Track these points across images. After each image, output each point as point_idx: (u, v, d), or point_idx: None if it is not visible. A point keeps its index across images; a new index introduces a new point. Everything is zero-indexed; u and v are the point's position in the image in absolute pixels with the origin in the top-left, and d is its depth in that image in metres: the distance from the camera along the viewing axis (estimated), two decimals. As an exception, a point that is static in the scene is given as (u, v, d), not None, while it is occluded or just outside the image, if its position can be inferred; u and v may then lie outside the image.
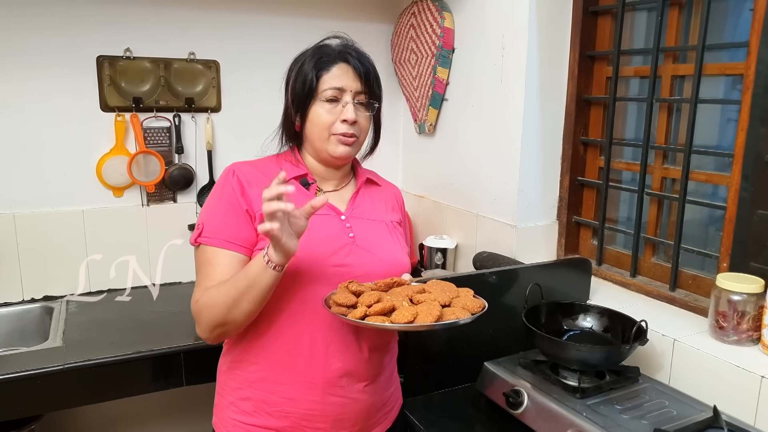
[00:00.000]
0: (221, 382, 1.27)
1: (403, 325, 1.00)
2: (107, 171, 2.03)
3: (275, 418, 1.18)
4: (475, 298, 1.14)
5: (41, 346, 1.69)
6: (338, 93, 1.18)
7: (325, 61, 1.18)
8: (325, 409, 1.18)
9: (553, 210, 1.90)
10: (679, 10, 1.59)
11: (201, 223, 1.16)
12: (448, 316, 1.04)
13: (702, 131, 1.58)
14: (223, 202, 1.17)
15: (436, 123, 2.21)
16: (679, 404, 1.26)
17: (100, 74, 1.99)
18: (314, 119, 1.19)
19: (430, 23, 2.09)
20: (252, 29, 2.17)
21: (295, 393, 1.17)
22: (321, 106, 1.18)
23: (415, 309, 1.03)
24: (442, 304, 1.07)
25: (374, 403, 1.25)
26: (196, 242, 1.16)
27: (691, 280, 1.58)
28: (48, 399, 1.57)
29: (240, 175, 1.19)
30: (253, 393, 1.19)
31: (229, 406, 1.23)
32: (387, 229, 1.29)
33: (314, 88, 1.17)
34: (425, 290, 1.13)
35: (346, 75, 1.18)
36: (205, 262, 1.15)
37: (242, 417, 1.20)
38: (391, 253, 1.25)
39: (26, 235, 1.97)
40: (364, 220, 1.26)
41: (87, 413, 2.09)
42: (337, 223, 1.22)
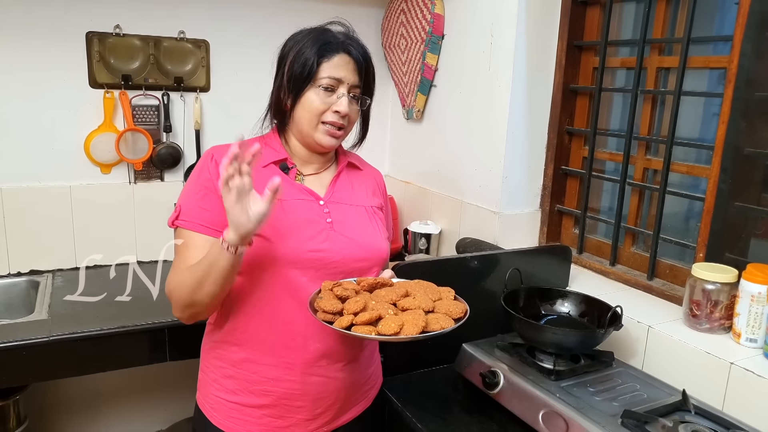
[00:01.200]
0: (205, 360, 1.29)
1: (389, 336, 1.02)
2: (95, 147, 2.03)
3: (257, 396, 1.21)
4: (457, 301, 1.17)
5: (27, 318, 1.70)
6: (335, 83, 1.18)
7: (327, 49, 1.17)
8: (304, 388, 1.21)
9: (537, 198, 1.93)
10: (666, 3, 1.61)
11: (179, 206, 1.18)
12: (432, 325, 1.07)
13: (687, 124, 1.61)
14: (200, 186, 1.17)
15: (424, 109, 2.22)
16: (650, 388, 1.30)
17: (90, 50, 1.98)
18: (306, 104, 1.19)
19: (421, 9, 2.10)
20: (242, 10, 2.16)
21: (275, 373, 1.20)
22: (316, 93, 1.18)
23: (401, 319, 1.05)
24: (425, 310, 1.10)
25: (353, 382, 1.28)
26: (173, 225, 1.17)
27: (668, 270, 1.61)
28: (33, 370, 1.59)
29: (218, 159, 1.16)
30: (236, 372, 1.22)
31: (212, 383, 1.25)
32: (366, 214, 1.29)
33: (313, 74, 1.17)
34: (408, 293, 1.15)
35: (346, 66, 1.18)
36: (182, 246, 1.16)
37: (226, 395, 1.23)
38: (370, 238, 1.26)
39: (13, 209, 1.97)
40: (343, 204, 1.27)
41: (71, 385, 2.11)
42: (315, 208, 1.22)
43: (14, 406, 1.82)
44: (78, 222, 2.06)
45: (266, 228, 1.13)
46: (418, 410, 1.34)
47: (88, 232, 2.07)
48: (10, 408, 1.80)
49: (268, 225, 1.13)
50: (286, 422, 1.22)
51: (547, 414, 1.21)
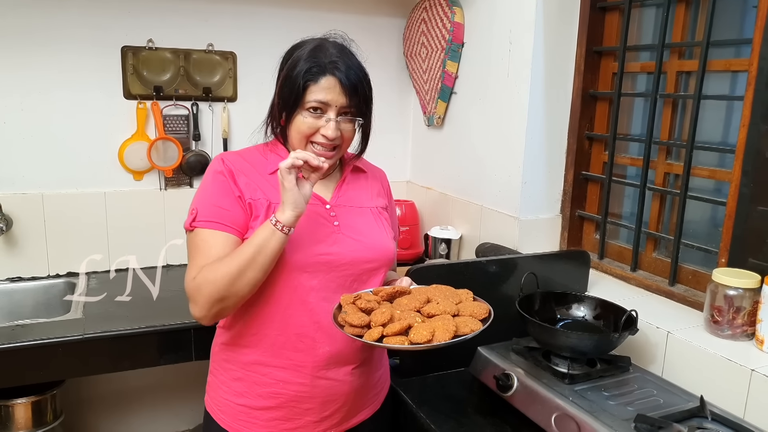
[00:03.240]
0: (214, 363, 1.31)
1: (423, 345, 1.02)
2: (129, 156, 2.12)
3: (265, 399, 1.22)
4: (477, 302, 1.18)
5: (63, 317, 1.79)
6: (323, 107, 1.16)
7: (314, 72, 1.15)
8: (313, 391, 1.22)
9: (557, 203, 1.93)
10: (686, 7, 1.60)
11: (195, 209, 1.18)
12: (462, 329, 1.07)
13: (709, 128, 1.59)
14: (216, 188, 1.18)
15: (444, 116, 2.25)
16: (667, 394, 1.28)
17: (124, 64, 2.08)
18: (296, 126, 1.18)
19: (441, 18, 2.13)
20: (268, 21, 2.24)
21: (285, 376, 1.21)
22: (304, 116, 1.17)
23: (432, 326, 1.05)
24: (451, 314, 1.10)
25: (362, 385, 1.29)
26: (191, 227, 1.17)
27: (691, 276, 1.59)
28: (68, 366, 1.68)
29: (229, 164, 1.21)
30: (245, 374, 1.23)
31: (220, 385, 1.27)
32: (372, 216, 1.31)
33: (300, 98, 1.16)
34: (429, 299, 1.16)
35: (332, 89, 1.15)
36: (201, 243, 1.16)
37: (233, 397, 1.24)
38: (377, 239, 1.27)
39: (53, 214, 2.08)
40: (349, 207, 1.28)
41: (104, 383, 2.20)
42: (322, 212, 1.24)
43: (51, 401, 1.91)
44: (112, 226, 2.15)
45: None
46: (432, 412, 1.36)
47: (121, 235, 2.16)
48: (47, 402, 1.90)
49: None
50: (294, 424, 1.23)
51: (560, 417, 1.21)
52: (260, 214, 1.18)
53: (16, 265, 2.06)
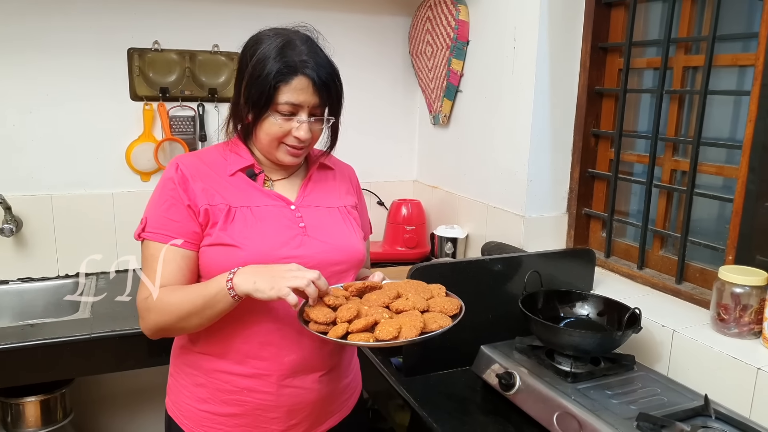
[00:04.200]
0: (174, 366, 1.26)
1: (388, 341, 0.99)
2: (136, 157, 2.14)
3: (230, 406, 1.18)
4: (450, 297, 1.15)
5: (72, 316, 1.81)
6: (295, 108, 1.12)
7: (285, 73, 1.09)
8: (279, 400, 1.18)
9: (563, 201, 1.91)
10: (692, 1, 1.58)
11: (144, 218, 1.14)
12: (430, 325, 1.04)
13: (716, 123, 1.57)
14: (165, 197, 1.14)
15: (450, 114, 2.24)
16: (672, 392, 1.27)
17: (130, 65, 2.10)
18: (266, 129, 1.14)
19: (446, 16, 2.13)
20: (273, 22, 2.21)
21: (249, 384, 1.17)
22: (275, 118, 1.12)
23: (398, 322, 1.02)
24: (420, 310, 1.07)
25: (330, 393, 1.25)
26: (139, 237, 1.15)
27: (698, 274, 1.57)
28: (76, 365, 1.70)
29: (184, 169, 1.15)
30: (207, 380, 1.18)
31: (182, 390, 1.22)
32: (340, 216, 1.26)
33: (271, 100, 1.11)
34: (400, 294, 1.13)
35: (305, 90, 1.11)
36: (149, 258, 1.13)
37: (197, 403, 1.20)
38: (346, 240, 1.22)
39: (61, 215, 2.10)
40: (316, 207, 1.23)
41: (113, 381, 2.23)
42: (287, 213, 1.19)
43: (60, 399, 1.93)
44: (120, 227, 2.17)
45: (237, 236, 1.12)
46: (435, 411, 1.35)
47: (128, 236, 2.16)
48: (57, 401, 1.92)
49: (239, 234, 1.12)
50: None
51: (561, 415, 1.20)
52: (218, 220, 1.13)
53: (27, 265, 2.09)
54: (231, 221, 1.13)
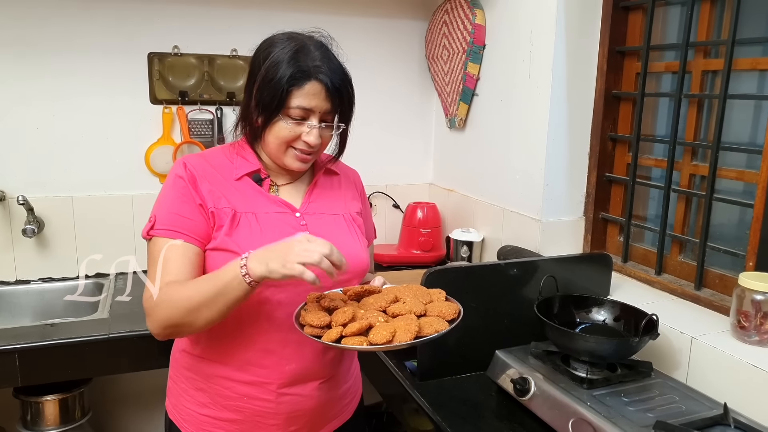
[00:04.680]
0: (174, 369, 1.25)
1: (382, 345, 0.98)
2: (155, 159, 2.17)
3: (230, 411, 1.18)
4: (449, 302, 1.13)
5: (91, 316, 1.84)
6: (306, 113, 1.11)
7: (298, 77, 1.09)
8: (278, 407, 1.18)
9: (580, 206, 1.90)
10: (711, 5, 1.56)
11: (153, 216, 1.12)
12: (426, 329, 1.02)
13: (736, 128, 1.55)
14: (176, 195, 1.12)
15: (466, 118, 2.24)
16: (690, 401, 1.25)
17: (151, 69, 2.13)
18: (276, 132, 1.13)
19: (462, 20, 2.13)
20: (290, 27, 2.23)
21: (249, 391, 1.16)
22: (285, 122, 1.11)
23: (393, 326, 1.01)
24: (417, 314, 1.06)
25: (329, 399, 1.25)
26: (148, 235, 1.11)
27: (717, 280, 1.55)
28: (94, 365, 1.72)
29: (192, 169, 1.14)
30: (207, 386, 1.18)
31: (182, 393, 1.22)
32: (345, 223, 1.25)
33: (283, 103, 1.10)
34: (398, 298, 1.11)
35: (317, 95, 1.10)
36: (158, 254, 1.09)
37: (197, 407, 1.20)
38: (350, 249, 1.19)
39: (82, 216, 2.14)
40: (321, 215, 1.22)
41: (131, 381, 2.26)
42: (292, 221, 1.18)
43: (79, 398, 1.96)
44: (138, 228, 2.18)
45: (241, 244, 1.10)
46: (449, 416, 1.34)
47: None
48: (75, 400, 1.95)
49: (243, 241, 1.11)
50: None
51: (577, 422, 1.19)
52: (224, 224, 1.12)
53: (48, 266, 2.12)
54: (236, 227, 1.13)
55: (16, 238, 2.06)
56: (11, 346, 1.62)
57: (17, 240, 2.06)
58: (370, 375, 1.69)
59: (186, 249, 1.10)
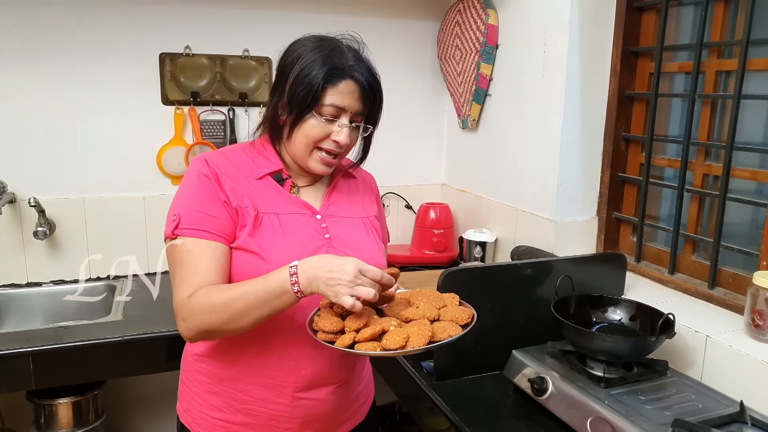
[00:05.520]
0: (186, 373, 1.24)
1: (395, 351, 0.97)
2: (167, 160, 2.18)
3: (244, 415, 1.17)
4: (463, 306, 1.13)
5: (104, 319, 1.84)
6: (338, 112, 1.11)
7: (334, 74, 1.09)
8: (294, 411, 1.17)
9: (593, 206, 1.90)
10: (725, 5, 1.57)
11: (177, 215, 1.09)
12: (439, 334, 1.01)
13: (750, 128, 1.55)
14: (200, 192, 1.10)
15: (479, 118, 2.24)
16: (706, 399, 1.26)
17: (162, 70, 2.13)
18: (305, 130, 1.12)
19: (475, 20, 2.13)
20: (303, 27, 2.23)
21: (264, 394, 1.16)
22: (317, 120, 1.10)
23: (406, 331, 1.00)
24: (430, 319, 1.05)
25: (343, 403, 1.25)
26: (173, 234, 1.08)
27: (731, 279, 1.55)
28: (108, 367, 1.72)
29: (215, 166, 1.13)
30: (221, 389, 1.17)
31: (195, 397, 1.21)
32: (364, 227, 1.25)
33: (317, 100, 1.09)
34: (411, 303, 1.12)
35: (351, 94, 1.10)
36: (186, 255, 1.07)
37: (211, 411, 1.19)
38: (369, 253, 1.20)
39: (94, 218, 2.13)
40: (340, 218, 1.22)
41: (144, 383, 2.26)
42: (313, 223, 1.18)
43: (93, 401, 1.96)
44: (150, 230, 2.21)
45: (264, 246, 1.10)
46: (467, 415, 1.35)
47: (159, 239, 2.20)
48: (89, 403, 1.95)
49: (266, 243, 1.10)
50: None
51: (595, 421, 1.20)
52: (247, 223, 1.11)
53: (60, 268, 2.12)
54: (258, 227, 1.12)
55: (28, 240, 2.05)
56: (25, 349, 1.61)
57: (29, 242, 2.06)
58: (385, 376, 1.70)
59: (215, 248, 1.08)
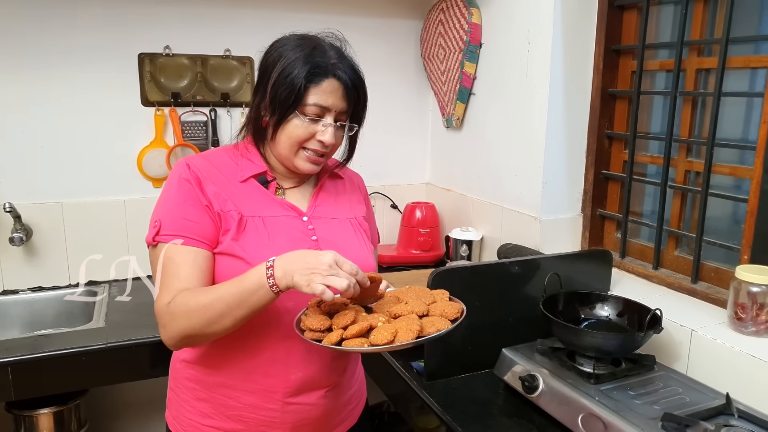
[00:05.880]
0: (174, 379, 1.22)
1: (383, 346, 0.96)
2: (147, 163, 2.14)
3: (233, 422, 1.15)
4: (452, 302, 1.12)
5: (86, 326, 1.80)
6: (322, 111, 1.09)
7: (316, 73, 1.07)
8: (284, 417, 1.16)
9: (578, 203, 1.92)
10: (704, 4, 1.59)
11: (158, 221, 1.07)
12: (428, 329, 1.01)
13: (728, 124, 1.58)
14: (181, 197, 1.08)
15: (463, 117, 2.25)
16: (693, 392, 1.28)
17: (141, 71, 2.09)
18: (289, 131, 1.10)
19: (458, 19, 2.14)
20: (285, 26, 2.21)
21: (253, 400, 1.14)
22: (300, 120, 1.09)
23: (394, 326, 0.99)
24: (419, 314, 1.05)
25: (335, 407, 1.23)
26: (154, 241, 1.07)
27: (713, 273, 1.58)
28: (91, 375, 1.69)
29: (196, 170, 1.10)
30: (209, 396, 1.15)
31: (183, 404, 1.19)
32: (352, 228, 1.23)
33: (300, 100, 1.07)
34: (400, 299, 1.11)
35: (334, 93, 1.09)
36: (167, 261, 1.05)
37: (200, 418, 1.17)
38: (357, 254, 1.17)
39: (73, 222, 2.09)
40: (327, 219, 1.20)
41: (128, 391, 2.22)
42: (299, 225, 1.16)
43: (75, 411, 1.91)
44: (132, 234, 2.16)
45: (249, 250, 1.08)
46: (458, 415, 1.35)
47: (141, 243, 2.16)
48: (71, 412, 1.90)
49: (251, 247, 1.08)
50: None
51: (586, 417, 1.21)
52: (231, 228, 1.09)
53: (37, 274, 2.07)
54: (243, 231, 1.10)
55: (3, 246, 1.99)
56: (3, 359, 1.57)
57: (4, 249, 2.00)
58: (375, 376, 1.70)
59: (196, 254, 1.07)
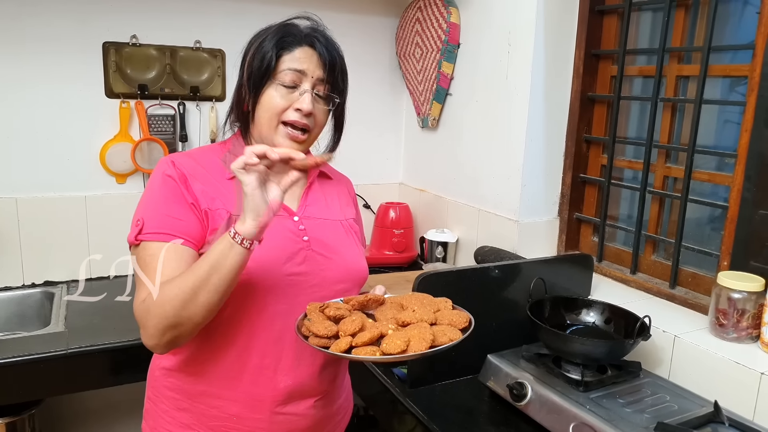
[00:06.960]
0: (153, 389, 1.17)
1: (397, 356, 0.92)
2: (111, 157, 2.03)
3: None
4: (457, 310, 1.09)
5: (43, 330, 1.70)
6: (297, 77, 1.05)
7: (288, 41, 1.06)
8: (271, 427, 1.10)
9: (555, 206, 1.92)
10: (685, 11, 1.61)
11: (140, 219, 1.03)
12: (440, 338, 0.98)
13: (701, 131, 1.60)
14: (165, 195, 1.04)
15: (439, 117, 2.22)
16: (680, 399, 1.28)
17: (106, 60, 1.98)
18: (266, 102, 1.06)
19: (437, 18, 2.11)
20: (258, 19, 2.13)
21: (239, 410, 1.09)
22: (276, 89, 1.05)
23: (407, 335, 0.96)
24: (428, 323, 1.02)
25: (324, 417, 1.19)
26: (136, 240, 1.02)
27: (690, 278, 1.60)
28: (50, 384, 1.59)
29: (181, 167, 1.07)
30: (191, 405, 1.10)
31: (162, 415, 1.13)
32: (343, 229, 1.20)
33: (272, 68, 1.05)
34: (404, 306, 1.08)
35: (309, 59, 1.06)
36: (150, 259, 1.00)
37: (179, 429, 1.11)
38: (349, 256, 1.15)
39: (28, 219, 1.97)
40: (319, 220, 1.16)
41: (88, 399, 2.10)
42: (290, 225, 1.11)
43: (29, 421, 1.81)
44: (93, 232, 2.05)
45: None
46: (444, 423, 1.32)
47: (102, 242, 2.06)
48: (24, 423, 1.79)
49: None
50: None
51: (578, 426, 1.19)
52: (219, 226, 1.05)
53: (-12, 274, 1.94)
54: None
55: (-50, 244, 1.87)
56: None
57: (-49, 246, 1.87)
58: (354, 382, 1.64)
59: (182, 252, 1.01)
